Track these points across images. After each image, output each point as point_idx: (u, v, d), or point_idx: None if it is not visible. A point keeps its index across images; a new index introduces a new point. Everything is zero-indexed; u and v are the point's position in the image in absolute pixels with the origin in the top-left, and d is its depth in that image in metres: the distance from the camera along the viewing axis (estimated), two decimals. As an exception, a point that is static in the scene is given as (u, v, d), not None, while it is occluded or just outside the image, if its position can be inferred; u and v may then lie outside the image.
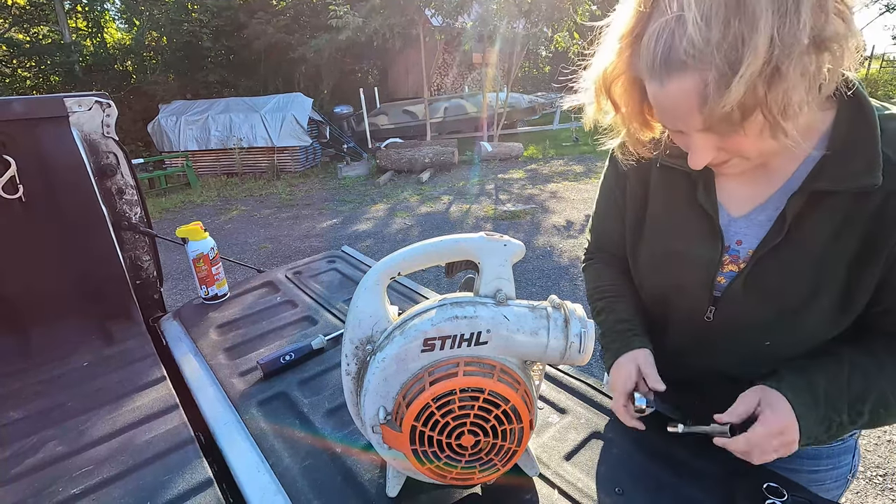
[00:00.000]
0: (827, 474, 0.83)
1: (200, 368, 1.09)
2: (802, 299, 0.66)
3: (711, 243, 0.73)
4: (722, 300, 0.73)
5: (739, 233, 0.72)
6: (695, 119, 0.56)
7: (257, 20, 11.43)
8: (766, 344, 0.71)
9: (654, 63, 0.55)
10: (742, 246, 0.72)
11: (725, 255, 0.73)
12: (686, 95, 0.54)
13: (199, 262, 1.32)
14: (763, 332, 0.71)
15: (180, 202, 7.57)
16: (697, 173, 0.72)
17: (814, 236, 0.64)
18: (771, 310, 0.69)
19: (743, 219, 0.72)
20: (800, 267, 0.66)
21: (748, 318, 0.71)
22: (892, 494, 1.95)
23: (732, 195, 0.73)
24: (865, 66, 19.12)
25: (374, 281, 0.64)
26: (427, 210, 6.32)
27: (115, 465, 0.81)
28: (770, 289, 0.68)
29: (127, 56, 12.67)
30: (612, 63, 0.62)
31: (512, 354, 0.62)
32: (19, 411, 0.97)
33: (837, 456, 0.83)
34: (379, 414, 0.61)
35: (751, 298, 0.70)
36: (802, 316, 0.67)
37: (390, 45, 9.98)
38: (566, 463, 0.77)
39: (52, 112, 1.18)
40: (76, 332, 1.24)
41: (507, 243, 0.63)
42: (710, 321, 0.75)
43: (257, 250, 5.26)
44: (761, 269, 0.69)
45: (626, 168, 0.82)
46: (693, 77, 0.52)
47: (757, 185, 0.70)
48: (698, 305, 0.76)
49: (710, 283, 0.73)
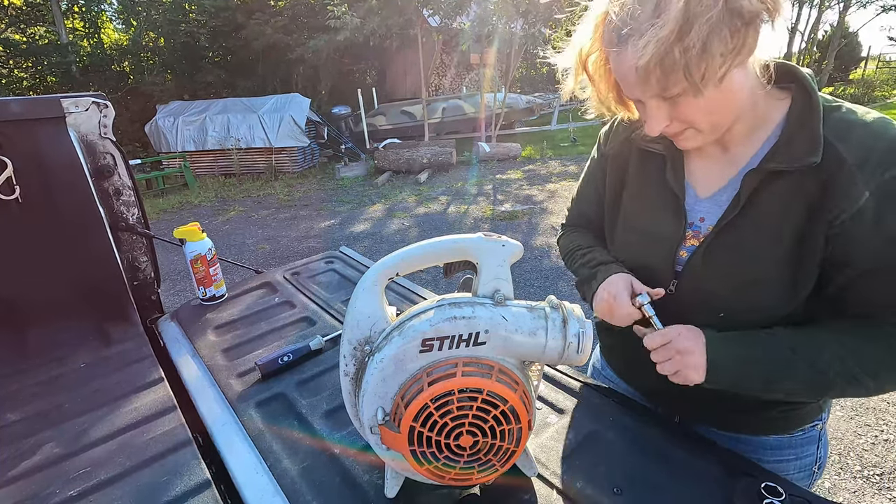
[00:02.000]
0: (790, 465, 0.86)
1: (198, 370, 1.08)
2: (756, 273, 0.72)
3: (675, 220, 0.80)
4: (683, 274, 0.79)
5: (703, 211, 0.78)
6: (642, 84, 0.63)
7: (255, 21, 11.41)
8: (721, 315, 0.75)
9: (611, 35, 0.63)
10: (704, 222, 0.78)
11: (688, 231, 0.79)
12: (633, 62, 0.61)
13: (197, 263, 1.32)
14: (720, 303, 0.76)
15: (178, 203, 7.56)
16: (669, 156, 0.80)
17: (767, 213, 0.70)
18: (727, 282, 0.74)
19: (707, 199, 0.78)
20: (754, 242, 0.72)
21: (707, 290, 0.77)
22: (889, 493, 1.96)
23: (699, 177, 0.80)
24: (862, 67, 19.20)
25: (373, 281, 0.64)
26: (425, 210, 6.32)
27: (113, 466, 0.81)
28: (726, 262, 0.74)
29: (124, 56, 12.65)
30: (588, 40, 0.69)
31: (510, 355, 0.62)
32: (17, 413, 0.97)
33: (800, 447, 0.86)
34: (377, 415, 0.61)
35: (709, 271, 0.76)
36: (756, 289, 0.72)
37: (388, 46, 10.01)
38: (565, 463, 0.77)
39: (48, 113, 1.17)
40: (74, 333, 1.24)
41: (505, 244, 0.63)
42: (673, 294, 0.80)
43: (255, 251, 5.26)
44: (718, 243, 0.74)
45: (609, 151, 0.91)
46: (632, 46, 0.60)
47: (721, 169, 0.77)
48: (663, 279, 0.81)
49: (672, 257, 0.80)
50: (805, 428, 0.86)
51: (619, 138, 0.90)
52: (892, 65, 21.07)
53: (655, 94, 0.65)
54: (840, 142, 0.65)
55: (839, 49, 15.47)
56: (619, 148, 0.90)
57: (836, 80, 16.72)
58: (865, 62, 19.57)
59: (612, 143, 0.91)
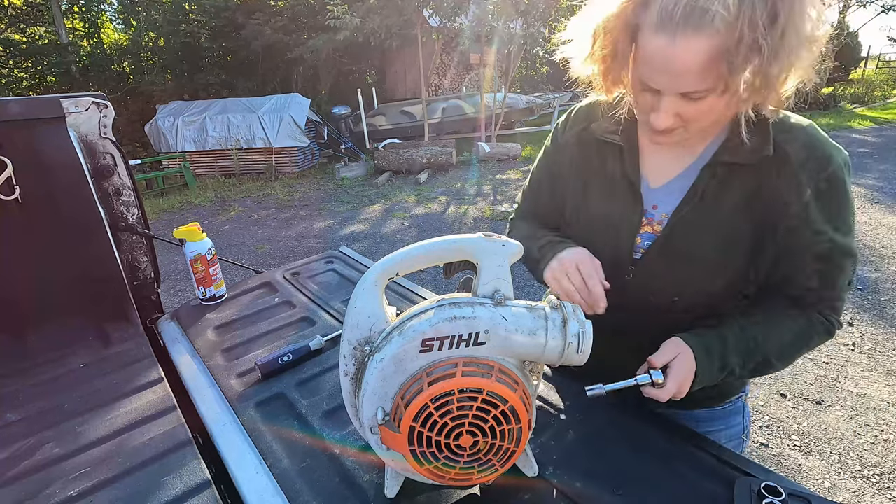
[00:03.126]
0: (721, 434, 0.94)
1: (198, 369, 1.08)
2: (710, 260, 0.77)
3: (633, 207, 0.82)
4: (641, 261, 0.82)
5: (656, 199, 0.82)
6: (692, 81, 0.61)
7: (255, 21, 11.40)
8: (675, 300, 0.80)
9: (673, 18, 0.57)
10: (657, 210, 0.81)
11: (643, 218, 0.82)
12: (697, 55, 0.58)
13: (197, 263, 1.32)
14: (675, 288, 0.80)
15: (178, 203, 7.56)
16: (626, 146, 0.83)
17: (721, 204, 0.74)
18: (683, 269, 0.79)
19: (660, 189, 0.82)
20: (709, 231, 0.76)
21: (663, 276, 0.81)
22: (889, 493, 1.96)
23: (653, 169, 0.82)
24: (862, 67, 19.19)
25: (373, 282, 0.64)
26: (425, 210, 6.32)
27: (112, 466, 0.81)
28: (683, 251, 0.78)
29: (124, 57, 12.63)
30: (612, 9, 0.65)
31: (510, 355, 0.62)
32: (16, 413, 0.97)
33: (728, 417, 0.95)
34: (377, 415, 0.60)
35: (666, 259, 0.80)
36: (710, 275, 0.77)
37: (388, 46, 9.98)
38: (565, 463, 0.77)
39: (48, 113, 1.17)
40: (73, 333, 1.24)
41: (505, 244, 0.63)
42: (630, 279, 0.83)
43: (255, 251, 5.26)
44: (676, 232, 0.78)
45: (567, 140, 0.92)
46: (713, 40, 0.56)
47: (674, 160, 0.80)
48: (621, 264, 0.84)
49: (630, 244, 0.83)
50: (732, 400, 0.94)
51: (577, 128, 0.90)
52: (892, 65, 21.07)
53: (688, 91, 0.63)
54: (786, 142, 0.71)
55: (839, 49, 15.46)
56: (576, 137, 0.91)
57: (836, 80, 16.71)
58: (865, 62, 19.57)
59: (569, 133, 0.92)
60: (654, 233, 0.81)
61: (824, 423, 2.36)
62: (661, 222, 0.80)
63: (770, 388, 2.64)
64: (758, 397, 2.57)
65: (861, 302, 3.44)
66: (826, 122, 10.91)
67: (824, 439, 2.26)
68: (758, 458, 2.16)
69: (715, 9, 0.54)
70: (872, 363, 2.79)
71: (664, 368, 0.73)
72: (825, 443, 2.24)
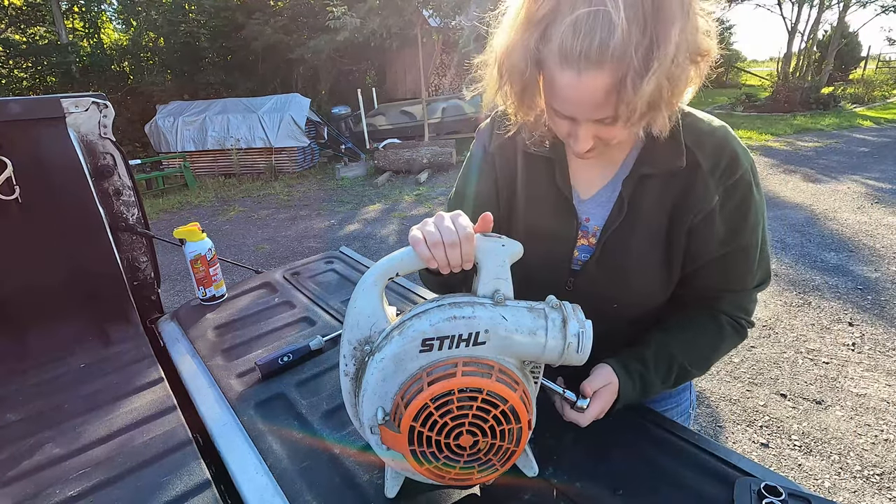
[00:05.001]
0: (673, 412, 0.99)
1: (198, 370, 1.08)
2: (642, 269, 0.80)
3: (568, 220, 0.83)
4: (580, 273, 0.84)
5: (587, 212, 0.83)
6: (601, 110, 0.62)
7: (255, 21, 11.40)
8: (615, 306, 0.83)
9: (572, 54, 0.58)
10: (590, 223, 0.83)
11: (579, 231, 0.84)
12: (600, 88, 0.59)
13: (197, 263, 1.32)
14: (613, 295, 0.83)
15: (178, 203, 7.56)
16: (556, 159, 0.82)
17: (645, 213, 0.77)
18: (618, 279, 0.81)
19: (590, 200, 0.83)
20: (637, 241, 0.79)
21: (601, 286, 0.83)
22: (889, 493, 1.96)
23: (581, 180, 0.83)
24: (861, 67, 19.20)
25: (373, 281, 0.64)
26: (425, 210, 6.32)
27: (112, 466, 0.81)
28: (617, 262, 0.81)
29: (124, 57, 12.64)
30: (514, 41, 0.63)
31: (510, 354, 0.62)
32: (16, 413, 0.97)
33: (677, 395, 1.00)
34: (377, 414, 0.60)
35: (603, 271, 0.82)
36: (642, 282, 0.81)
37: (388, 46, 9.99)
38: (565, 463, 0.77)
39: (48, 113, 1.17)
40: (73, 333, 1.24)
41: (505, 243, 0.63)
42: (571, 290, 0.86)
43: (255, 251, 5.26)
44: (609, 247, 0.80)
45: (494, 149, 0.90)
46: (611, 73, 0.58)
47: (599, 171, 0.82)
48: (560, 277, 0.86)
49: (569, 256, 0.84)
50: None
51: (503, 136, 0.86)
52: (892, 65, 21.08)
53: (600, 118, 0.63)
54: (697, 149, 0.73)
55: (839, 49, 15.47)
56: (503, 145, 0.88)
57: (836, 80, 16.72)
58: (865, 62, 19.58)
59: (496, 141, 0.89)
60: (589, 245, 0.83)
61: (824, 423, 2.36)
62: (594, 234, 0.83)
63: (770, 388, 2.64)
64: (758, 397, 2.58)
65: (861, 302, 3.44)
66: (826, 122, 10.92)
67: (824, 439, 2.26)
68: (758, 458, 2.16)
69: (611, 43, 0.55)
70: (872, 363, 2.79)
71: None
72: (825, 443, 2.24)
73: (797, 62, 15.23)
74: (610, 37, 0.55)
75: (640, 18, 0.54)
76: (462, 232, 0.60)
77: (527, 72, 0.64)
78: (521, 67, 0.64)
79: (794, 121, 11.23)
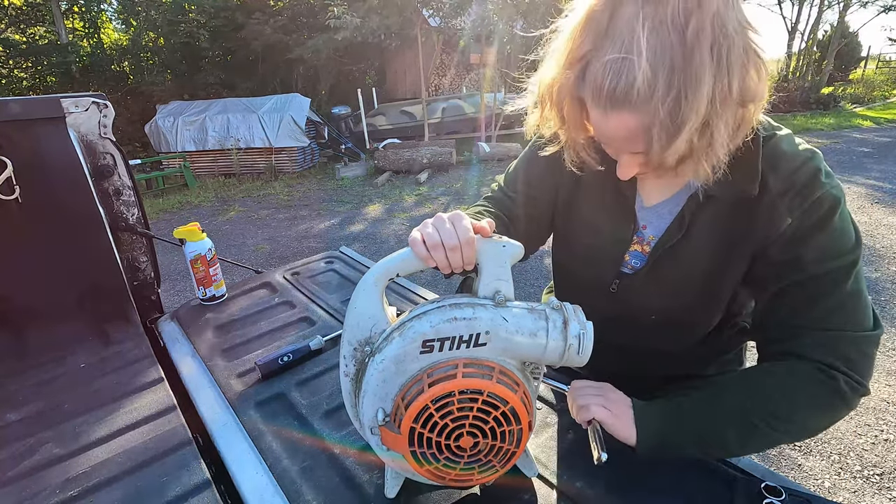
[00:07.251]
0: None
1: (198, 370, 1.08)
2: (691, 287, 0.79)
3: (625, 223, 0.83)
4: (628, 278, 0.84)
5: (646, 219, 0.83)
6: (633, 145, 0.63)
7: (255, 20, 11.39)
8: (652, 317, 0.83)
9: (600, 94, 0.60)
10: (647, 230, 0.83)
11: (635, 236, 0.84)
12: (626, 130, 0.61)
13: (197, 263, 1.32)
14: (655, 307, 0.83)
15: (178, 203, 7.55)
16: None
17: (705, 234, 0.75)
18: (665, 292, 0.81)
19: (651, 208, 0.82)
20: (691, 260, 0.77)
21: (646, 296, 0.83)
22: (889, 493, 1.96)
23: (647, 185, 0.83)
24: (862, 67, 19.19)
25: (373, 282, 0.64)
26: (425, 211, 6.32)
27: (112, 466, 0.81)
28: (668, 277, 0.80)
29: (124, 57, 12.63)
30: (558, 78, 0.66)
31: (511, 356, 0.62)
32: (16, 413, 0.97)
33: None
34: (377, 415, 0.60)
35: (651, 282, 0.82)
36: (686, 300, 0.80)
37: (388, 46, 9.99)
38: (564, 463, 0.77)
39: (48, 113, 1.17)
40: (73, 333, 1.24)
41: (505, 244, 0.63)
42: (615, 292, 0.86)
43: (255, 251, 5.26)
44: (664, 259, 0.79)
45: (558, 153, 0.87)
46: (635, 118, 0.59)
47: (667, 181, 0.80)
48: (607, 277, 0.86)
49: (619, 258, 0.84)
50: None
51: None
52: (892, 65, 21.06)
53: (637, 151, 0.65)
54: (771, 171, 0.70)
55: (839, 49, 15.47)
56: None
57: (836, 80, 16.72)
58: (865, 62, 19.57)
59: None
60: (642, 252, 0.83)
61: (824, 424, 2.36)
62: (649, 243, 0.82)
63: (770, 388, 2.63)
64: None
65: (861, 302, 3.44)
66: (826, 122, 10.92)
67: (824, 439, 2.26)
68: (758, 458, 2.16)
69: (633, 89, 0.56)
70: (872, 363, 2.78)
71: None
72: (825, 443, 2.24)
73: (797, 62, 15.24)
74: (633, 83, 0.56)
75: (667, 69, 0.54)
76: (463, 235, 0.60)
77: (569, 108, 0.67)
78: (561, 104, 0.68)
79: (793, 121, 11.23)
